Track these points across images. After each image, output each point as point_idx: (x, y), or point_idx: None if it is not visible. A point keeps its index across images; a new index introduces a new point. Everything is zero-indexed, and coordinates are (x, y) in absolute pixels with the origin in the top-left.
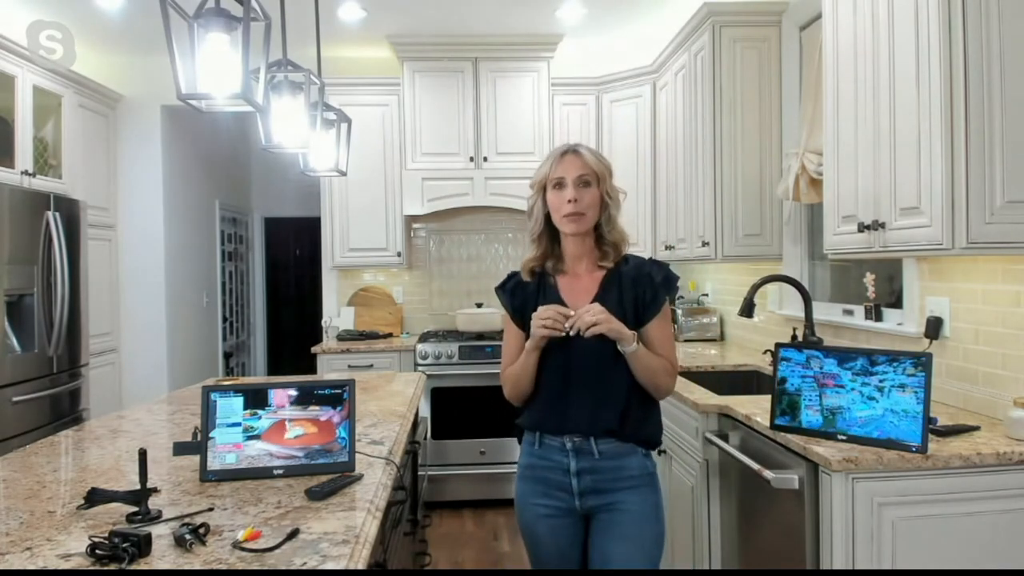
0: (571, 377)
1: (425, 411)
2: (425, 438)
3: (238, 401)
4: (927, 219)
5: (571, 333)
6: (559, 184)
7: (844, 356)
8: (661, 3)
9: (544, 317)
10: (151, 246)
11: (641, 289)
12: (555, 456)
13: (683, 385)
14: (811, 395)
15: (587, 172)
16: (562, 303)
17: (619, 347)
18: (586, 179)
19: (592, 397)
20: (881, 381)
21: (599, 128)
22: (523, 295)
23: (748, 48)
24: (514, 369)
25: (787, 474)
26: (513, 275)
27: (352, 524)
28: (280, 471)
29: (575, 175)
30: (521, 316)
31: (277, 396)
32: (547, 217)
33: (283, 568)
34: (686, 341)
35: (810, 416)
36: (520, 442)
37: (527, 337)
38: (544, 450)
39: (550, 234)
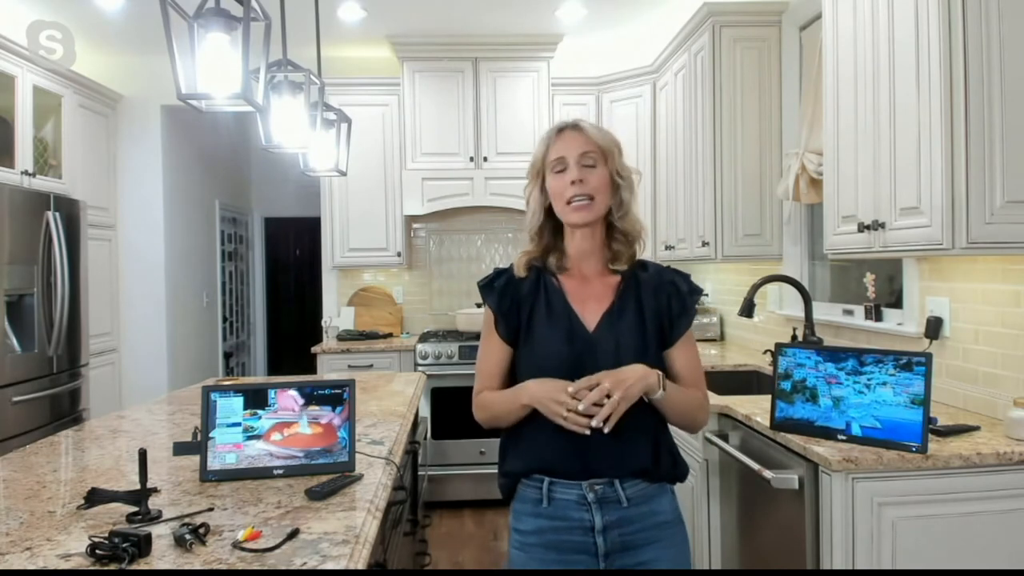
0: None
1: (425, 411)
2: (425, 438)
3: (238, 401)
4: (927, 219)
5: (603, 428)
6: (559, 166)
7: (838, 356)
8: (661, 3)
9: (568, 405)
10: (151, 246)
11: (664, 299)
12: (572, 513)
13: None
14: (824, 388)
15: (592, 149)
16: (569, 309)
17: (646, 397)
18: (591, 157)
19: (616, 427)
20: (869, 379)
21: None
22: (515, 296)
23: (748, 48)
24: (494, 406)
25: (787, 474)
26: (502, 272)
27: (352, 524)
28: (280, 471)
29: (577, 153)
30: (507, 322)
31: (277, 396)
32: (547, 210)
33: (283, 568)
34: None
35: (826, 402)
36: (506, 496)
37: (512, 348)
38: (556, 507)
39: (552, 227)
